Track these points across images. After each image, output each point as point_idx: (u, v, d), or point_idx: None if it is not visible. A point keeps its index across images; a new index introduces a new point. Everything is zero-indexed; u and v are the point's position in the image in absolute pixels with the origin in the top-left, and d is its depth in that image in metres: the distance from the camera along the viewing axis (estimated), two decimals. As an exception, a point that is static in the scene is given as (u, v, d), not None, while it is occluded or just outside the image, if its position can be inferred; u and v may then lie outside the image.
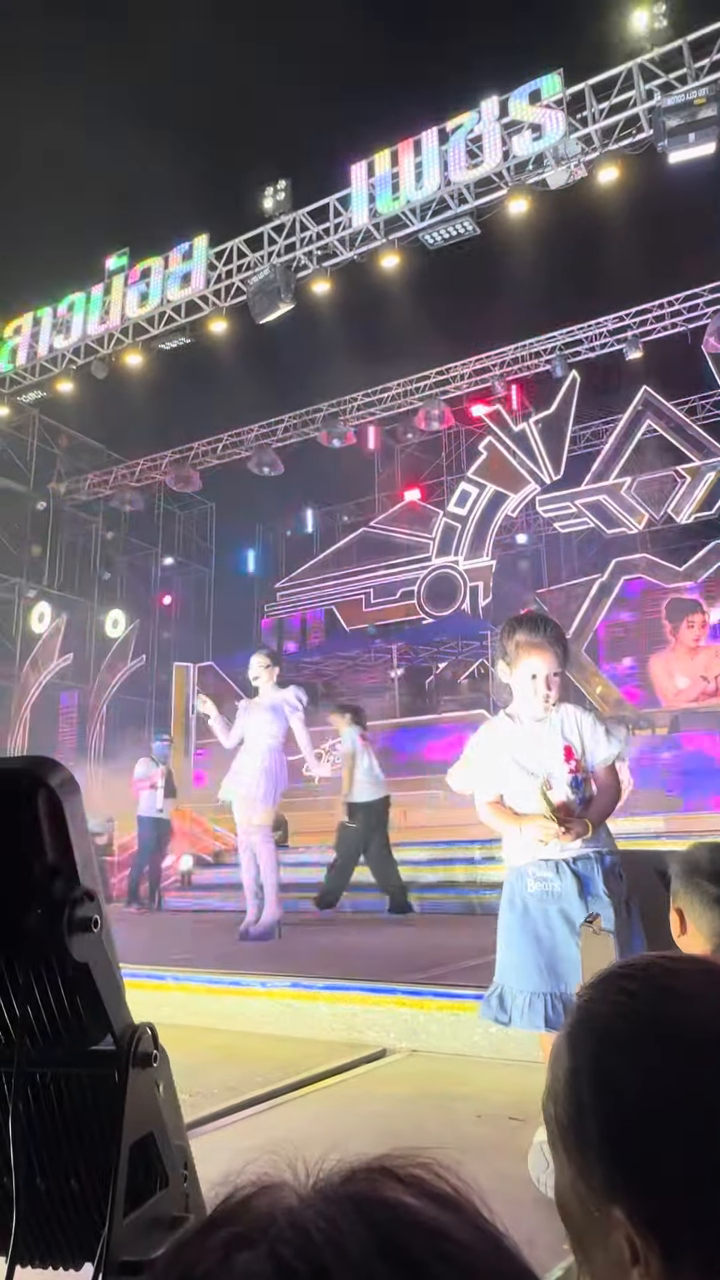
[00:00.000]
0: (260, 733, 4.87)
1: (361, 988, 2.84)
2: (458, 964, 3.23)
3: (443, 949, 4.05)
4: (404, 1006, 2.70)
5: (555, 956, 1.83)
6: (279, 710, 4.90)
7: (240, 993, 3.12)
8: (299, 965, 3.50)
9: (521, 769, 1.94)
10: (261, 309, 10.23)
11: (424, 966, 3.24)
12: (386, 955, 3.92)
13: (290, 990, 3.00)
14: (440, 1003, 2.64)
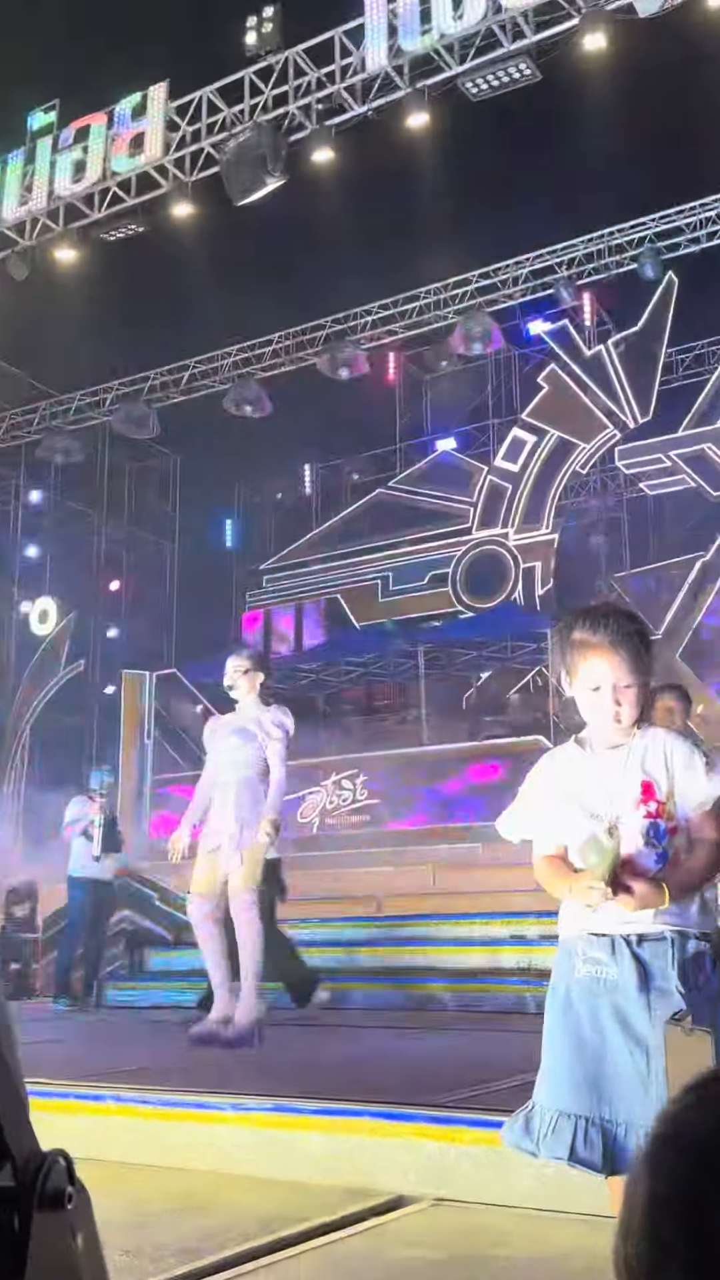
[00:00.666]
0: (231, 761, 4.86)
1: (370, 1113, 2.83)
2: (503, 1081, 3.21)
3: (483, 1060, 4.02)
4: (427, 1139, 2.69)
5: (600, 1067, 1.80)
6: (249, 734, 4.88)
7: (205, 1118, 3.12)
8: (284, 1081, 3.49)
9: (585, 811, 1.91)
10: (241, 185, 10.22)
11: (455, 1084, 3.23)
12: (404, 1068, 3.91)
13: (273, 1115, 3.00)
14: (477, 1134, 2.62)
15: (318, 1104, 2.95)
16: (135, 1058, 4.50)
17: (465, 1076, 3.46)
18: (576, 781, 1.94)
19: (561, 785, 1.96)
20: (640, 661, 1.91)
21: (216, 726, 5.06)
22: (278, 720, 4.93)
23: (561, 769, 1.98)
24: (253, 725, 4.90)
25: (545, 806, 1.98)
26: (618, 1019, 1.80)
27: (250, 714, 4.95)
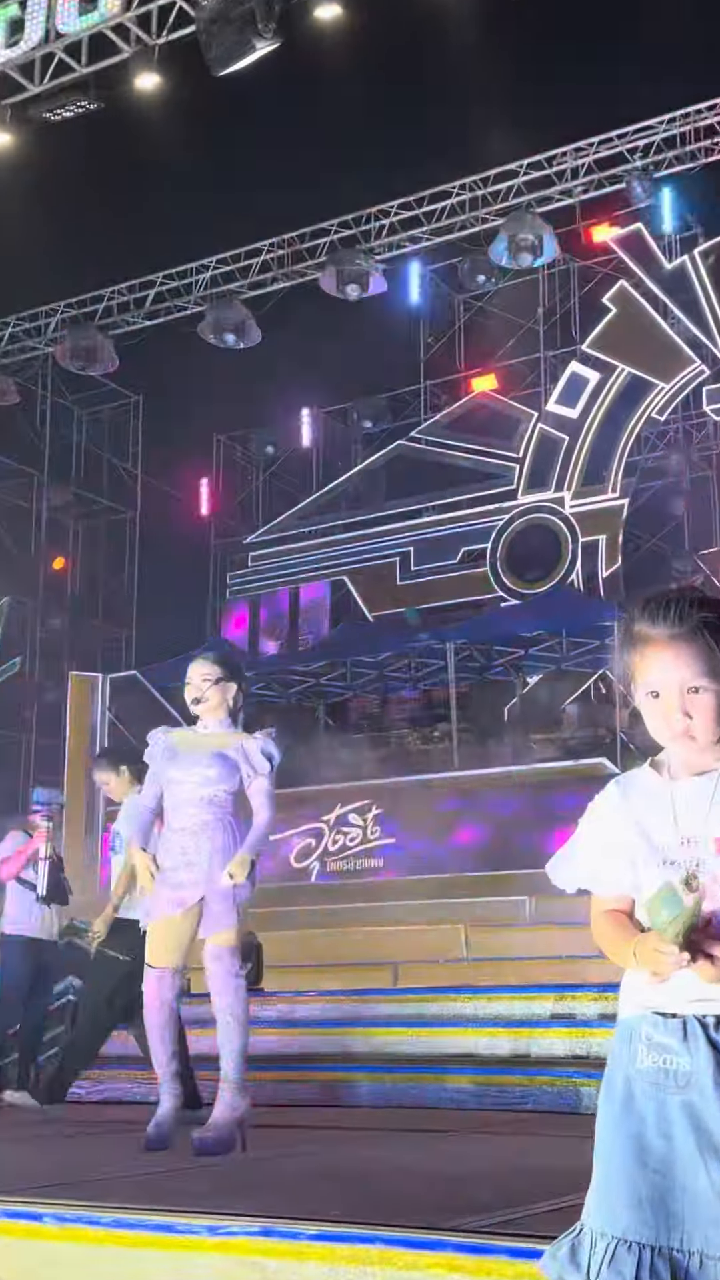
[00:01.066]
0: (206, 798, 4.83)
1: (382, 1239, 2.83)
2: (550, 1200, 3.21)
3: (525, 1173, 4.02)
4: (454, 1271, 2.69)
5: (668, 1183, 1.79)
6: (229, 762, 4.86)
7: (174, 1244, 3.12)
8: (274, 1198, 3.50)
9: (658, 855, 1.90)
10: (222, 51, 10.22)
11: (490, 1204, 3.23)
12: (425, 1183, 3.92)
13: (260, 1241, 3.00)
14: (519, 1267, 2.63)
15: (317, 1227, 2.95)
16: (83, 1166, 4.51)
17: (503, 1193, 3.45)
18: (648, 817, 1.93)
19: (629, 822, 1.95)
20: (714, 660, 1.89)
21: (174, 743, 4.99)
22: (268, 751, 4.90)
23: (630, 801, 1.97)
24: (235, 753, 4.86)
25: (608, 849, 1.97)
26: (690, 1122, 1.79)
27: (226, 739, 4.92)
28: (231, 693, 5.01)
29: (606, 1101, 1.88)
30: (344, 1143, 5.14)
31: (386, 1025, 7.02)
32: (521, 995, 7.02)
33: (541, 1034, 6.43)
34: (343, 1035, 7.09)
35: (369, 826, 13.99)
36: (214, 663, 5.03)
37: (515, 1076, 6.13)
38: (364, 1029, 7.06)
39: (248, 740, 4.92)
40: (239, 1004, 4.72)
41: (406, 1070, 6.48)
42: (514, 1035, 6.51)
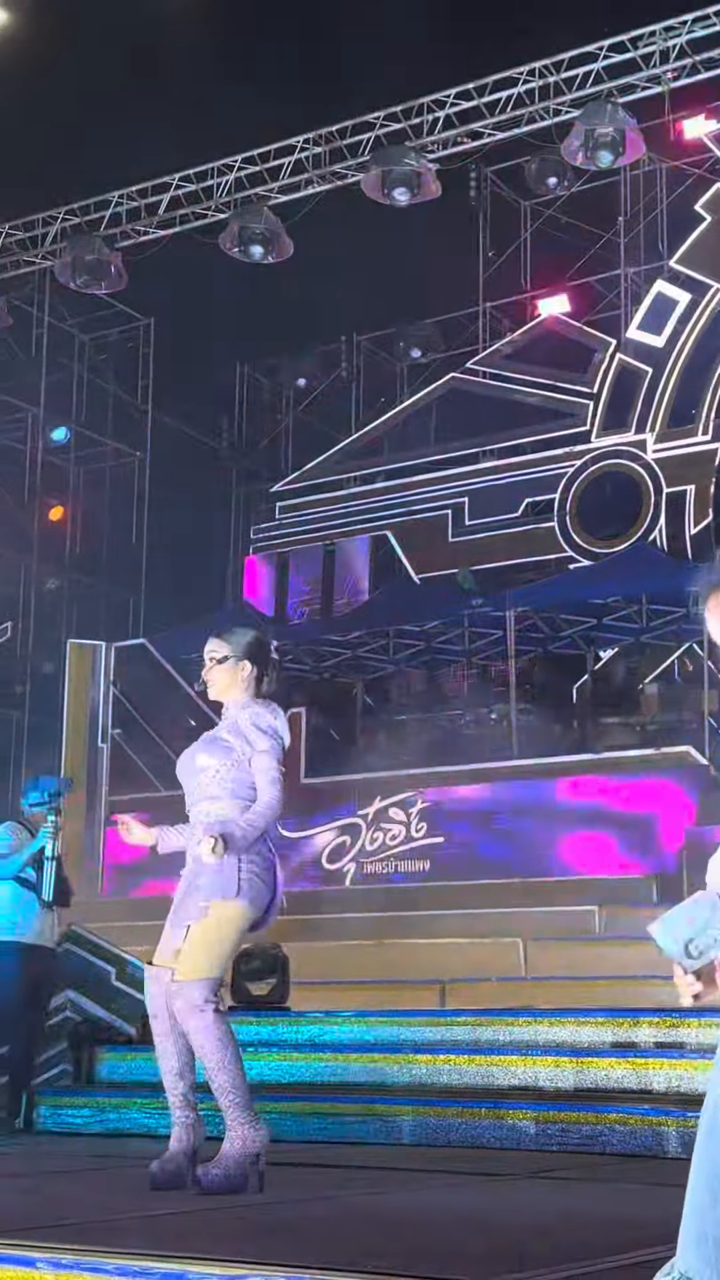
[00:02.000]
0: (202, 791, 4.89)
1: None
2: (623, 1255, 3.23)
3: (597, 1223, 4.04)
4: (511, 1335, 2.71)
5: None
6: (223, 745, 4.89)
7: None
8: (300, 1246, 3.53)
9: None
10: None
11: (554, 1257, 3.25)
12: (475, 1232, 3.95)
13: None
14: (586, 1330, 2.65)
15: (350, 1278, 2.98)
16: (84, 1205, 4.57)
17: (565, 1247, 3.47)
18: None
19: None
20: None
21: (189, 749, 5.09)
22: (264, 722, 4.87)
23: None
24: (228, 733, 4.88)
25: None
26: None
27: (234, 716, 4.95)
28: (245, 673, 4.98)
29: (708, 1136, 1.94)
30: (382, 1185, 5.18)
31: (432, 1052, 7.04)
32: (591, 1020, 7.03)
33: (612, 1065, 6.44)
34: (381, 1063, 7.12)
35: (413, 822, 14.01)
36: (222, 638, 5.02)
37: (582, 1113, 6.14)
38: (406, 1056, 7.09)
39: (242, 712, 4.90)
40: (209, 1040, 4.67)
41: (455, 1104, 6.50)
42: (580, 1065, 6.52)
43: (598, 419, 17.95)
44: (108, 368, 21.27)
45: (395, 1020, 7.70)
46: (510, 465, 18.50)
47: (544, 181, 17.27)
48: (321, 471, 20.00)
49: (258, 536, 20.33)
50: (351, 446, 20.15)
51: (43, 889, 7.61)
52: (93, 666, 15.63)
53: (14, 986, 7.76)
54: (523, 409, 18.69)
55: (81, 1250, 3.41)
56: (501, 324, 20.07)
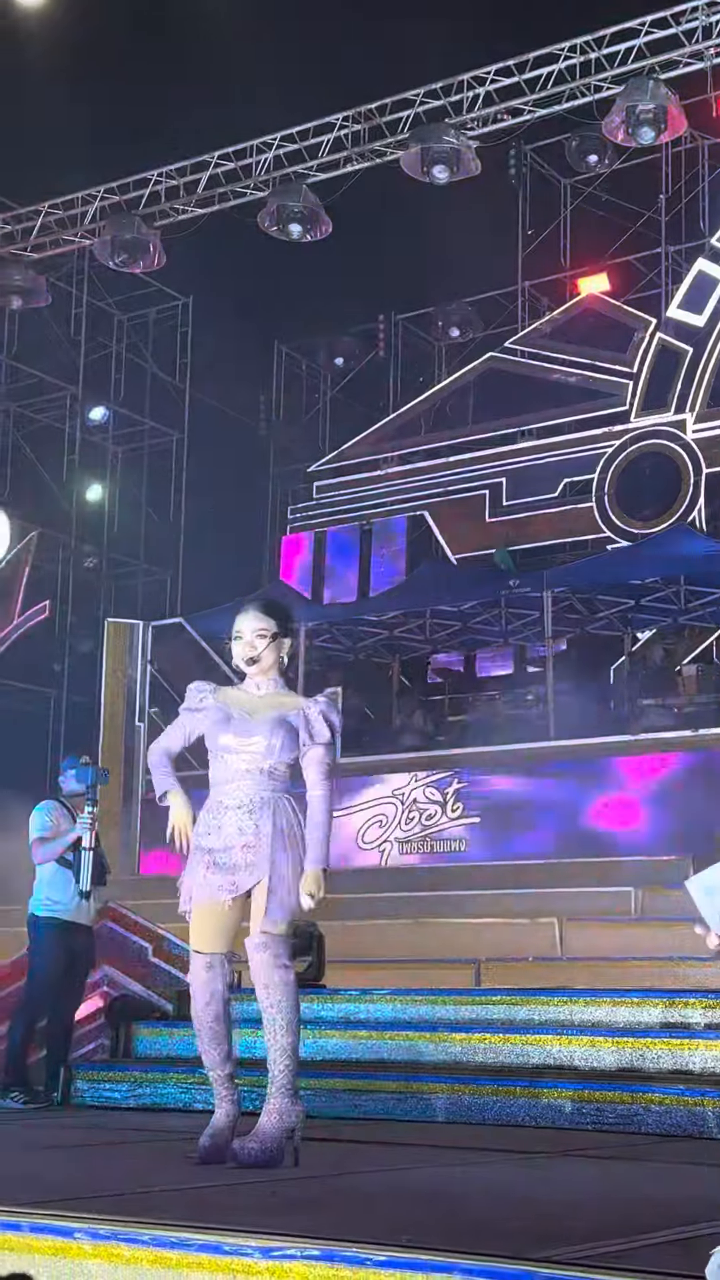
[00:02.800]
0: (256, 766, 4.93)
1: (462, 1268, 2.85)
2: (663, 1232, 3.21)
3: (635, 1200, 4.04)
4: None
5: None
6: (292, 730, 4.95)
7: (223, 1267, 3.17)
8: (338, 1218, 3.54)
9: None
10: None
11: (592, 1233, 3.24)
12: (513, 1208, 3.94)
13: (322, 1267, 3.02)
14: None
15: (386, 1253, 2.97)
16: (121, 1178, 4.60)
17: (603, 1223, 3.47)
18: None
19: None
20: None
21: (226, 705, 5.06)
22: (330, 715, 5.00)
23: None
24: (296, 718, 4.96)
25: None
26: None
27: (286, 703, 5.01)
28: (285, 649, 5.13)
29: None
30: (417, 1161, 5.19)
31: (467, 1030, 7.06)
32: (628, 1000, 7.02)
33: (651, 1045, 6.43)
34: (417, 1040, 7.14)
35: (449, 803, 14.01)
36: (267, 614, 5.09)
37: (619, 1093, 6.14)
38: (441, 1034, 7.10)
39: (310, 705, 5.01)
40: (287, 998, 4.80)
41: (491, 1082, 6.51)
42: (618, 1045, 6.51)
43: (637, 399, 17.84)
44: (146, 347, 21.29)
45: (430, 999, 7.72)
46: (549, 445, 18.42)
47: (584, 159, 17.14)
48: (358, 451, 19.97)
49: (295, 516, 20.33)
50: (388, 427, 20.10)
51: (80, 879, 7.68)
52: (130, 645, 15.68)
53: (52, 963, 7.83)
54: (561, 388, 18.59)
55: (118, 1221, 3.43)
56: (540, 303, 19.97)
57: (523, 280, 20.07)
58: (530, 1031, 6.88)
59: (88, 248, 17.25)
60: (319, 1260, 3.04)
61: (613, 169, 17.93)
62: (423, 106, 15.48)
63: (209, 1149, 4.78)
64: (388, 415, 20.36)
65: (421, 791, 14.20)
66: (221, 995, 4.94)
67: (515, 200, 19.55)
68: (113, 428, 21.12)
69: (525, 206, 19.74)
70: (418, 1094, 6.65)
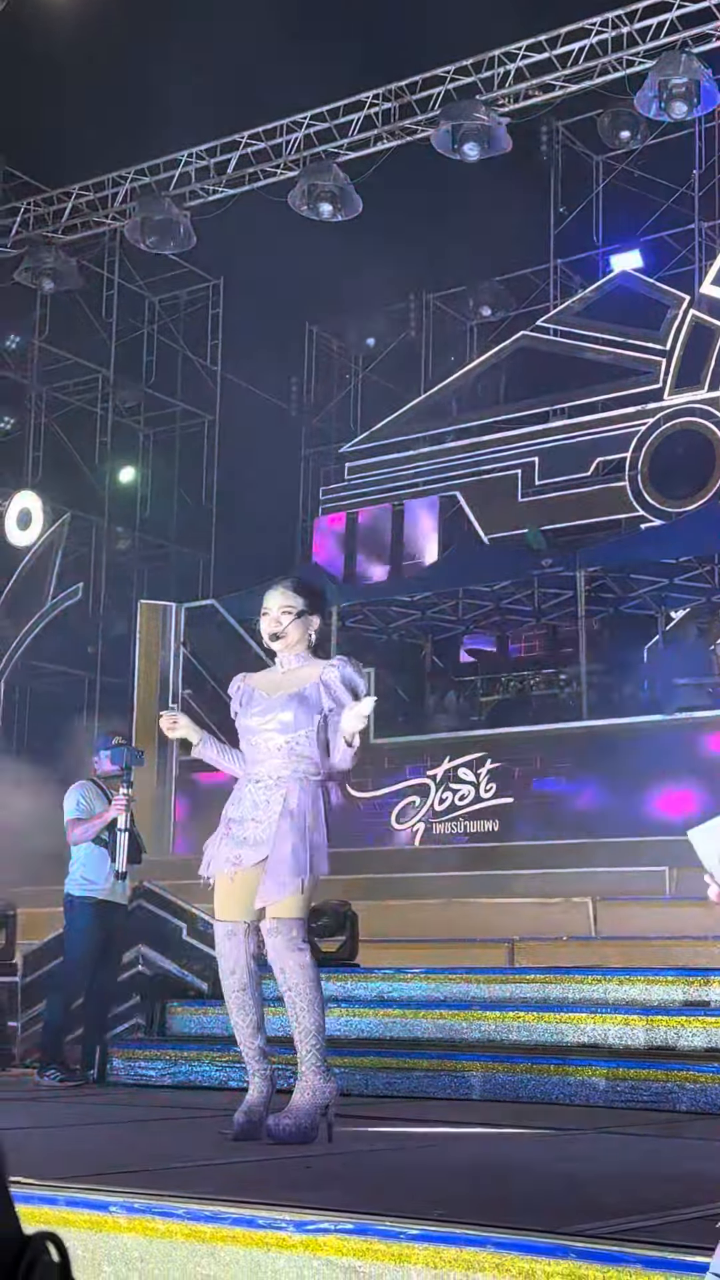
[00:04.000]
0: (274, 743, 4.94)
1: (495, 1242, 2.87)
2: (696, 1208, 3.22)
3: (667, 1176, 4.05)
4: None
5: None
6: (310, 700, 4.95)
7: (256, 1241, 3.20)
8: (371, 1193, 3.55)
9: None
10: None
11: (621, 1208, 3.25)
12: (545, 1183, 3.96)
13: (356, 1241, 3.05)
14: (654, 1278, 2.64)
15: (420, 1226, 3.00)
16: (153, 1154, 4.64)
17: (636, 1198, 3.48)
18: None
19: None
20: None
21: (253, 688, 5.11)
22: (348, 678, 4.97)
23: None
24: (314, 689, 4.97)
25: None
26: None
27: (304, 673, 5.01)
28: (314, 626, 5.11)
29: None
30: (451, 1138, 5.21)
31: (501, 1009, 7.08)
32: (662, 979, 7.02)
33: (685, 1023, 6.43)
34: (451, 1019, 7.16)
35: (482, 783, 14.02)
36: (295, 592, 5.09)
37: (652, 1071, 6.14)
38: (475, 1012, 7.12)
39: (327, 670, 4.98)
40: (305, 980, 4.78)
41: (524, 1060, 6.53)
42: (651, 1024, 6.51)
43: (670, 376, 17.73)
44: (177, 329, 21.30)
45: (464, 977, 7.73)
46: (581, 424, 18.34)
47: (617, 135, 17.01)
48: (390, 432, 19.94)
49: (326, 497, 20.31)
50: (420, 407, 20.05)
51: (115, 859, 7.73)
52: (163, 627, 15.73)
53: (87, 942, 7.90)
54: (594, 367, 18.50)
55: (153, 1195, 3.46)
56: (573, 280, 19.87)
57: (555, 258, 19.97)
58: (564, 1010, 6.89)
59: (118, 229, 17.26)
60: (353, 1234, 3.06)
61: (645, 145, 17.80)
62: (453, 84, 15.40)
63: (244, 1126, 4.80)
64: (419, 395, 20.31)
65: (454, 772, 14.20)
66: (246, 965, 4.92)
67: (547, 177, 19.44)
68: (144, 410, 21.14)
69: (557, 183, 19.63)
70: (452, 1072, 6.68)
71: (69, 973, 8.04)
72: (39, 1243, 0.85)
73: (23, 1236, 0.85)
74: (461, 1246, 2.90)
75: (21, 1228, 0.86)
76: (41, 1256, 0.85)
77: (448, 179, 16.15)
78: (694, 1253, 2.64)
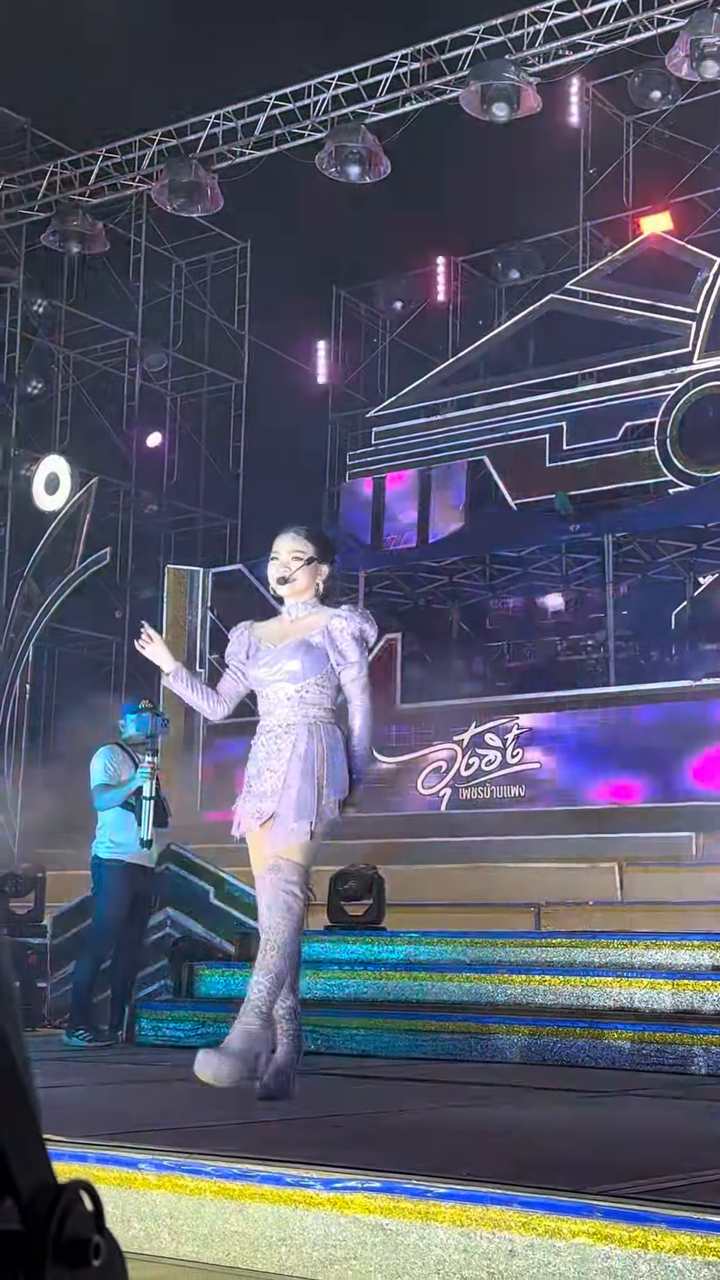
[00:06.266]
0: (282, 693, 4.86)
1: (522, 1201, 2.88)
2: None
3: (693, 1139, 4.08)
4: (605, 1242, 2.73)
5: None
6: (315, 651, 4.87)
7: (284, 1198, 3.22)
8: (400, 1153, 3.57)
9: None
10: None
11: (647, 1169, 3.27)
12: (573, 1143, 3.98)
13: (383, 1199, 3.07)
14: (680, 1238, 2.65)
15: (447, 1184, 3.02)
16: (182, 1113, 4.68)
17: (662, 1160, 3.49)
18: None
19: None
20: None
21: (254, 639, 5.02)
22: (356, 629, 4.90)
23: None
24: (320, 637, 4.88)
25: None
26: None
27: (311, 621, 4.93)
28: (323, 575, 5.03)
29: None
30: (477, 1099, 5.24)
31: (527, 972, 7.10)
32: (688, 943, 7.03)
33: (710, 987, 6.45)
34: (477, 982, 7.19)
35: (509, 748, 14.02)
36: (306, 538, 5.03)
37: (678, 1034, 6.15)
38: (501, 976, 7.14)
39: (334, 619, 4.90)
40: (286, 921, 4.67)
41: (550, 1023, 6.56)
42: (677, 988, 6.53)
43: (700, 340, 17.58)
44: (204, 292, 21.24)
45: (490, 941, 7.76)
46: (609, 388, 18.22)
47: (647, 95, 16.81)
48: (418, 396, 19.86)
49: (354, 462, 20.27)
50: (448, 371, 19.96)
51: (141, 826, 7.77)
52: (190, 592, 15.77)
53: (116, 904, 7.95)
54: (623, 330, 18.37)
55: (182, 1153, 3.49)
56: (602, 243, 19.71)
57: (584, 220, 19.81)
58: (590, 974, 6.92)
59: (145, 192, 17.20)
60: (380, 1192, 3.08)
61: (676, 105, 17.60)
62: (482, 43, 15.25)
63: (271, 1087, 4.78)
64: (447, 359, 20.21)
65: (481, 737, 14.21)
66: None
67: (576, 138, 19.26)
68: (171, 374, 21.11)
69: (587, 145, 19.44)
70: (478, 1035, 6.70)
71: (97, 935, 8.11)
72: (73, 1191, 0.86)
73: (57, 1185, 0.86)
74: (488, 1205, 2.91)
75: (55, 1177, 0.87)
76: (75, 1205, 0.85)
77: (476, 140, 16.01)
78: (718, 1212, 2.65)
